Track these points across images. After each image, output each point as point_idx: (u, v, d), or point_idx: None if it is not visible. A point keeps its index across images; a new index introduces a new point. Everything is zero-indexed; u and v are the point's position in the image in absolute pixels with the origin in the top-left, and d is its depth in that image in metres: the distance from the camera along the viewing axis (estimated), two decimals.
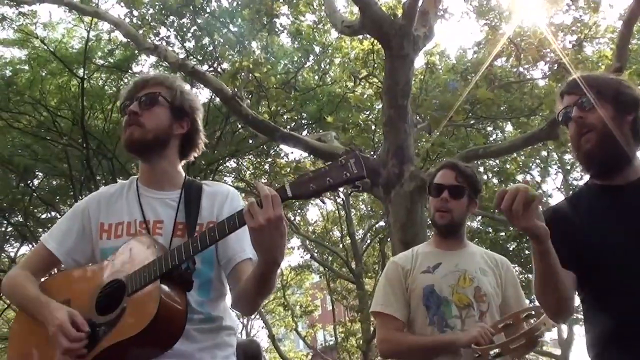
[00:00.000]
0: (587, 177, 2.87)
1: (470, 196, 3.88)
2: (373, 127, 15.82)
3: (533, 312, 3.54)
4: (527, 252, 19.15)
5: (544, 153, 19.44)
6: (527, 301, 4.04)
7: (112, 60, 16.83)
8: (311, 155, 14.88)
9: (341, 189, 2.34)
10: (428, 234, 9.76)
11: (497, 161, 17.06)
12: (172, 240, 2.72)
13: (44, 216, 19.36)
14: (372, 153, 14.33)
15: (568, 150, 16.21)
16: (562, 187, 23.11)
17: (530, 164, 20.03)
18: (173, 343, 2.48)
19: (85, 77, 15.80)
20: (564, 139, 9.85)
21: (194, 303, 2.64)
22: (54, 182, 19.05)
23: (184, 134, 2.92)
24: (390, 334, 3.76)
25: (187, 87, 3.04)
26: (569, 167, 21.80)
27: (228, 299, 2.88)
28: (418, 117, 13.13)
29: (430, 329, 3.68)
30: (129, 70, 16.63)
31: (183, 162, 3.02)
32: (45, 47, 15.92)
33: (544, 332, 3.30)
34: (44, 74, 16.44)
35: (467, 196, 3.86)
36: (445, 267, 3.80)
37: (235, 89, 11.67)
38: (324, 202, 19.80)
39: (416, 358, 3.75)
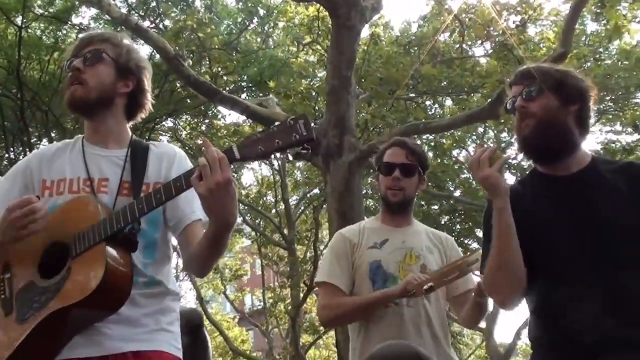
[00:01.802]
0: (520, 156, 3.01)
1: (419, 174, 3.94)
2: (315, 95, 15.85)
3: (476, 258, 3.51)
4: (458, 226, 19.52)
5: (480, 129, 19.73)
6: None
7: (51, 10, 16.34)
8: (249, 120, 14.85)
9: (282, 155, 2.33)
10: (373, 206, 9.91)
11: (434, 135, 17.28)
12: (117, 199, 2.67)
13: None
14: (313, 121, 14.39)
15: (505, 128, 16.55)
16: None
17: (467, 140, 20.29)
18: (119, 306, 2.47)
19: (23, 26, 15.43)
20: (504, 118, 10.06)
21: (139, 265, 2.62)
22: None
23: (129, 92, 2.87)
24: (330, 301, 3.79)
25: (134, 46, 2.99)
26: (504, 145, 22.18)
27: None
28: (359, 88, 13.22)
29: None
30: (69, 22, 16.25)
31: (131, 122, 2.96)
32: None
33: (477, 265, 3.38)
34: None
35: (417, 174, 3.93)
36: (392, 243, 3.85)
37: (177, 48, 11.59)
38: (269, 164, 19.63)
39: (355, 318, 3.80)
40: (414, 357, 2.78)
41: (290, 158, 2.33)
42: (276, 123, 2.34)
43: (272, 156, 2.31)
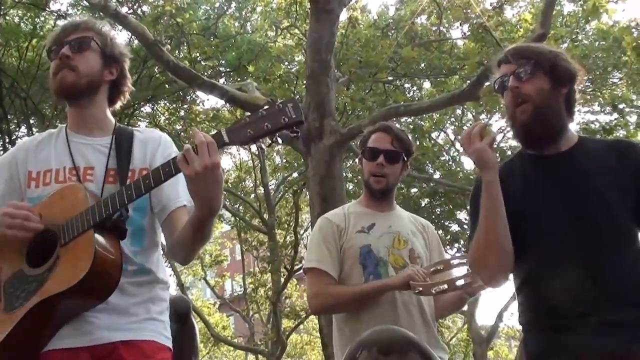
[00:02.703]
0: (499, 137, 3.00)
1: (404, 160, 3.90)
2: (294, 79, 15.80)
3: (465, 261, 3.56)
4: (438, 209, 19.59)
5: (459, 112, 19.80)
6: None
7: None
8: (228, 105, 14.77)
9: (271, 138, 2.31)
10: (353, 190, 9.91)
11: (412, 118, 17.33)
12: (104, 187, 2.67)
13: None
14: None
15: (484, 110, 16.61)
16: None
17: (445, 122, 20.35)
18: (109, 294, 2.46)
19: (1, 13, 15.24)
20: (484, 100, 10.08)
21: (128, 253, 2.61)
22: None
23: (113, 80, 2.88)
24: (322, 287, 3.73)
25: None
26: None
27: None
28: (338, 72, 13.21)
29: None
30: (47, 9, 16.08)
31: (109, 109, 2.96)
32: None
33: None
34: None
35: (401, 161, 3.88)
36: (380, 228, 3.81)
37: (156, 34, 11.52)
38: (248, 149, 19.55)
39: (349, 308, 3.72)
40: (405, 343, 2.76)
41: (280, 142, 2.31)
42: (265, 107, 2.33)
43: (261, 140, 2.29)
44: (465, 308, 20.00)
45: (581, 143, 2.83)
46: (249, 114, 2.37)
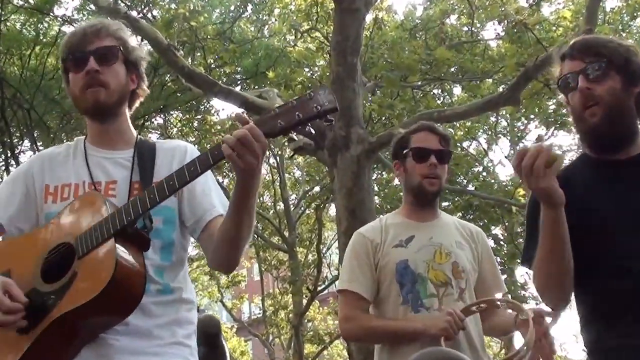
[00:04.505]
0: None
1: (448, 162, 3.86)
2: (317, 85, 15.76)
3: (512, 307, 3.49)
4: (473, 224, 19.37)
5: (492, 119, 19.69)
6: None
7: (32, 1, 16.07)
8: (245, 113, 14.67)
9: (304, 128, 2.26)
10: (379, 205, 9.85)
11: (443, 126, 17.23)
12: None
13: None
14: None
15: (522, 116, 16.48)
16: (510, 156, 23.43)
17: (477, 131, 20.24)
18: (133, 308, 2.40)
19: (2, 18, 15.24)
20: (524, 104, 9.96)
21: (153, 269, 2.55)
22: None
23: (135, 89, 2.85)
24: (354, 313, 3.68)
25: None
26: (518, 136, 22.11)
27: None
28: (364, 77, 13.14)
29: (403, 308, 3.60)
30: (51, 13, 16.17)
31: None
32: None
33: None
34: None
35: (448, 162, 3.84)
36: (419, 240, 3.71)
37: (168, 39, 11.52)
38: (265, 161, 19.57)
39: (379, 343, 3.71)
40: None
41: (313, 132, 2.25)
42: (294, 97, 2.28)
43: (292, 131, 2.27)
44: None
45: None
46: (278, 105, 2.32)
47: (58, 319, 2.32)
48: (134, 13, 15.13)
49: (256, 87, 16.11)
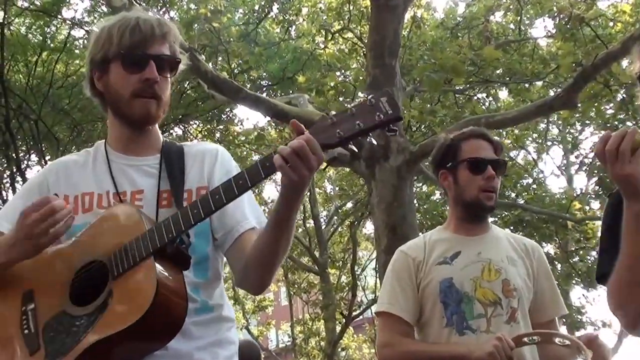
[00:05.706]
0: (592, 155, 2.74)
1: None
2: (352, 90, 15.70)
3: (569, 344, 3.33)
4: None
5: (542, 126, 19.57)
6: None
7: (38, 3, 16.19)
8: (272, 122, 14.65)
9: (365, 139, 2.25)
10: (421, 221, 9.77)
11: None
12: (158, 212, 2.60)
13: None
14: None
15: (577, 121, 16.32)
16: (562, 166, 23.30)
17: (525, 139, 20.11)
18: (174, 334, 2.37)
19: (6, 22, 15.25)
20: (582, 108, 9.83)
21: (189, 287, 2.48)
22: None
23: None
24: (394, 338, 3.66)
25: None
26: (571, 144, 21.95)
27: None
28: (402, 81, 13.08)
29: (448, 331, 3.57)
30: (59, 16, 16.27)
31: None
32: None
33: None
34: None
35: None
36: (466, 256, 3.67)
37: (188, 42, 11.53)
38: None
39: None
40: None
41: (374, 142, 2.21)
42: (353, 104, 2.26)
43: (352, 142, 2.21)
44: None
45: None
46: (335, 112, 2.27)
47: (92, 345, 2.29)
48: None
49: (283, 93, 16.11)
